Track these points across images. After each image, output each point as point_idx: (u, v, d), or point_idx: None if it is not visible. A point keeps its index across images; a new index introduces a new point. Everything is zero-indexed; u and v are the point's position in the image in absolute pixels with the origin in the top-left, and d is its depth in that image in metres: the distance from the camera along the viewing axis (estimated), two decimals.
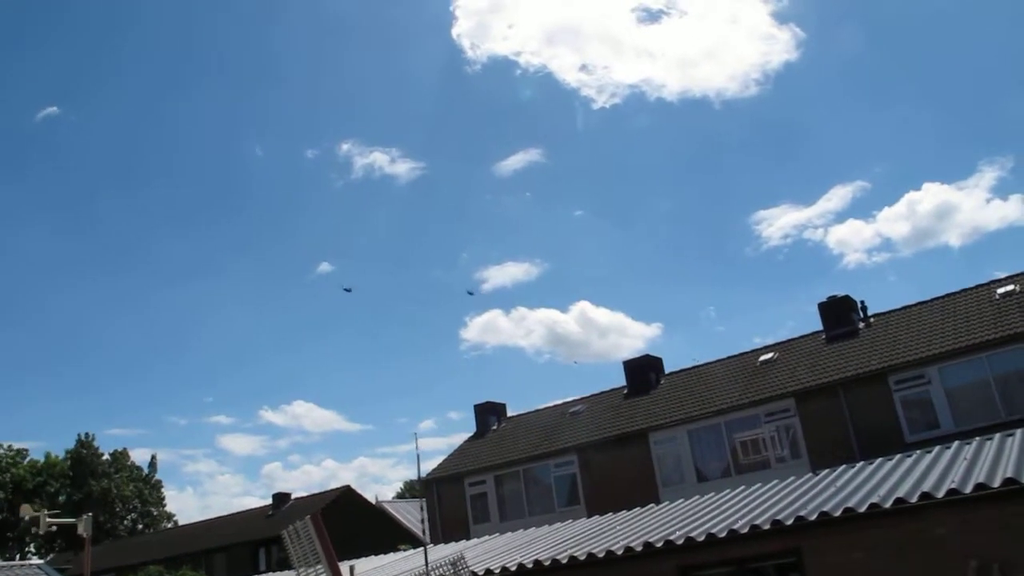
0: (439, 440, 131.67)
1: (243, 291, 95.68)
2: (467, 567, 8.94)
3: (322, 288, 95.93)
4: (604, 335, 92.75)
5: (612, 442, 30.13)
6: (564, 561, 12.78)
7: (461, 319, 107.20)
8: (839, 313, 29.26)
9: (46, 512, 14.38)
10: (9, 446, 70.23)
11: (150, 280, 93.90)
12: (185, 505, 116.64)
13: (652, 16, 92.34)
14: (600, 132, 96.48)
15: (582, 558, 12.59)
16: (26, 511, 15.86)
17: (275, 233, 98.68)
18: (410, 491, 73.89)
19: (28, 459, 70.43)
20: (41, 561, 37.05)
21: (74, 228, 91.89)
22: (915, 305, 28.28)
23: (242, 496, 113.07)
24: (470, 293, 64.48)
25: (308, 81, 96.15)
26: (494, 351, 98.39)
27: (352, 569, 9.52)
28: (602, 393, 34.50)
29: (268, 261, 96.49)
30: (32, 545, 67.27)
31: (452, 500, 34.12)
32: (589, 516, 18.41)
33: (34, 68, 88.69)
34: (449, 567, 9.46)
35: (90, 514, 14.12)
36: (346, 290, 63.74)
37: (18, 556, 63.16)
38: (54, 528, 14.49)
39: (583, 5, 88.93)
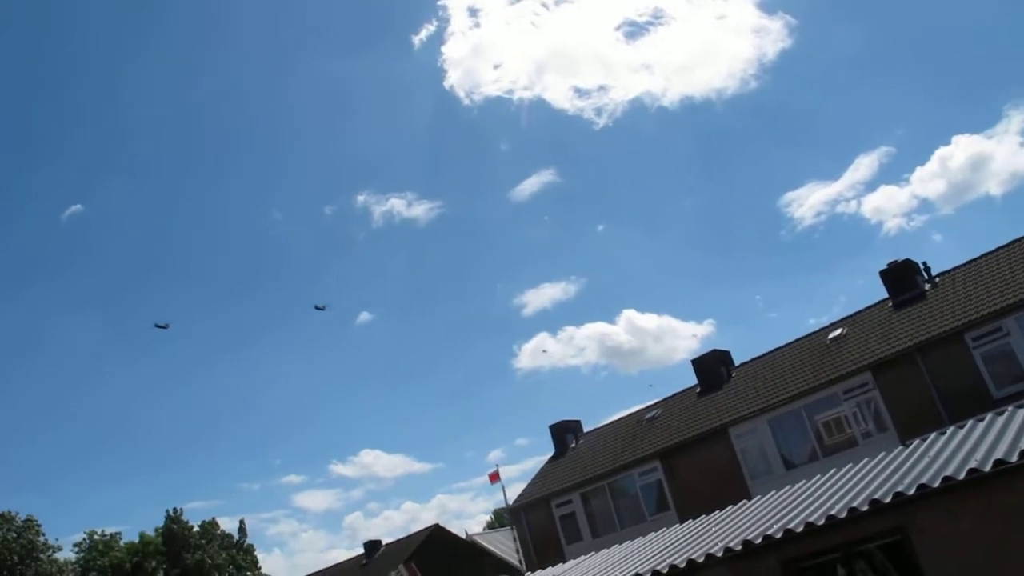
0: (512, 468, 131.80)
1: (291, 353, 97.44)
2: None
3: (366, 338, 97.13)
4: (658, 340, 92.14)
5: (693, 442, 29.74)
6: (664, 571, 12.57)
7: (510, 348, 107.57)
8: (902, 278, 28.62)
9: None
10: (103, 532, 71.63)
11: (197, 359, 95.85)
12: (276, 567, 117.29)
13: (639, 29, 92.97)
14: (607, 148, 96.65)
15: (682, 565, 12.38)
16: None
17: (310, 291, 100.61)
18: (499, 520, 73.75)
19: (123, 541, 71.74)
20: None
21: (112, 318, 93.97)
22: (979, 258, 27.56)
23: (329, 550, 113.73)
24: (318, 308, 63.46)
25: (317, 142, 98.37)
26: (550, 374, 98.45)
27: None
28: (675, 395, 34.13)
29: (309, 320, 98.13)
30: None
31: (542, 524, 33.92)
32: (681, 521, 18.15)
33: (54, 170, 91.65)
34: None
35: None
36: (318, 308, 63.18)
37: None
38: None
39: (566, 31, 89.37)
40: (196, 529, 73.52)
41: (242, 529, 78.21)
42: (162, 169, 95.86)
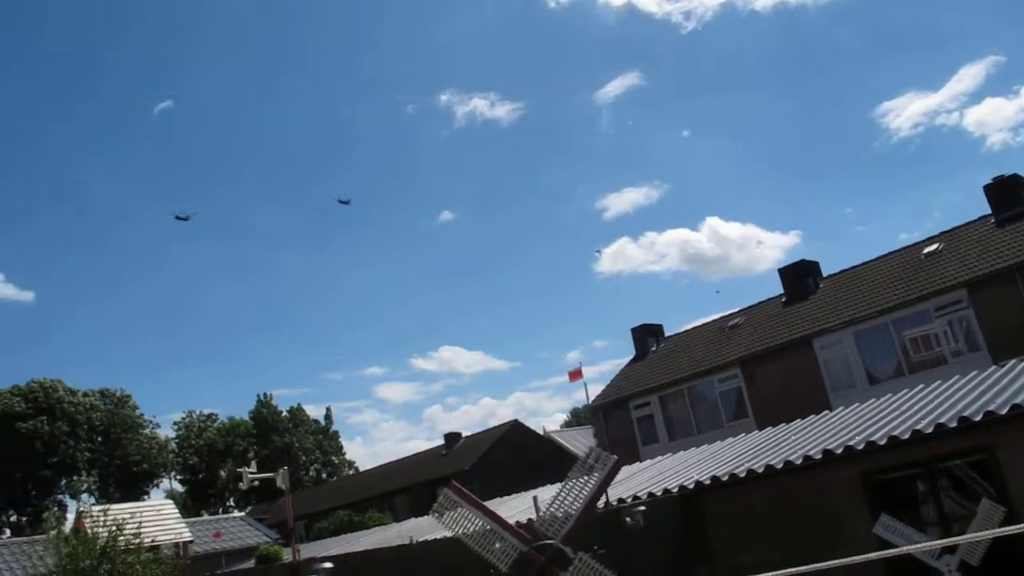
0: (590, 369, 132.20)
1: (374, 249, 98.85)
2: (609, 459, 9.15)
3: (447, 236, 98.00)
4: (741, 248, 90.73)
5: (776, 351, 29.51)
6: (742, 475, 12.70)
7: (591, 251, 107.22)
8: (1007, 194, 27.38)
9: (247, 469, 15.42)
10: (199, 412, 75.33)
11: (283, 255, 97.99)
12: (357, 454, 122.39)
13: None
14: (695, 52, 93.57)
15: (760, 470, 12.48)
16: (232, 470, 17.38)
17: (392, 189, 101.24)
18: (576, 419, 74.98)
19: (217, 423, 75.34)
20: (242, 513, 39.84)
21: (194, 205, 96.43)
22: None
23: (408, 440, 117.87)
24: (342, 202, 62.90)
25: (399, 41, 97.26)
26: (630, 279, 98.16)
27: (536, 499, 9.75)
28: (760, 304, 33.77)
29: (390, 216, 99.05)
30: (231, 499, 72.27)
31: (619, 424, 34.38)
32: (759, 428, 18.22)
33: (147, 66, 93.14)
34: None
35: (286, 468, 15.06)
36: (343, 202, 63.38)
37: (220, 510, 68.00)
38: (256, 483, 15.52)
39: None
40: (284, 414, 76.72)
41: (328, 416, 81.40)
42: (244, 66, 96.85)
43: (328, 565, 10.38)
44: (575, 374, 15.14)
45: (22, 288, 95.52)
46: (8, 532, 56.52)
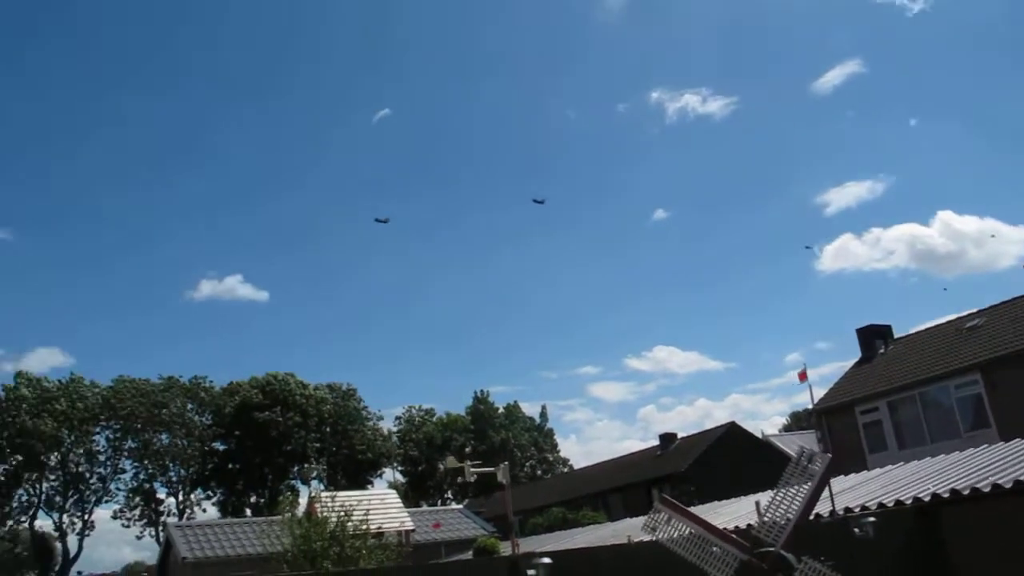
0: (810, 372, 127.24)
1: (586, 247, 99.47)
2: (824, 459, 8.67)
3: (661, 235, 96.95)
4: (979, 244, 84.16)
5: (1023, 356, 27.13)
6: (986, 490, 11.73)
7: (810, 249, 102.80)
8: None
9: (469, 463, 15.87)
10: (418, 407, 78.61)
11: (494, 250, 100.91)
12: (571, 451, 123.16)
13: None
14: (922, 36, 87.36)
15: (1008, 486, 11.47)
16: (452, 462, 17.99)
17: (605, 188, 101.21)
18: (796, 423, 72.30)
19: (435, 418, 78.31)
20: (460, 506, 41.14)
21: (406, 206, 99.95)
22: None
23: (622, 440, 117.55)
24: (537, 202, 61.01)
25: (609, 39, 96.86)
26: (854, 278, 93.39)
27: (758, 504, 9.41)
28: (1003, 303, 31.08)
29: (603, 216, 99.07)
30: (449, 491, 74.86)
31: (843, 430, 32.71)
32: (1004, 440, 16.77)
33: (370, 81, 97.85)
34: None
35: (507, 463, 15.39)
36: (537, 201, 62.33)
37: (439, 502, 70.63)
38: (475, 477, 15.95)
39: None
40: (501, 411, 78.59)
41: (543, 414, 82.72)
42: (452, 70, 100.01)
43: (547, 560, 10.44)
44: (802, 375, 14.51)
45: (258, 288, 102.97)
46: (249, 512, 61.19)
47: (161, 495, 65.12)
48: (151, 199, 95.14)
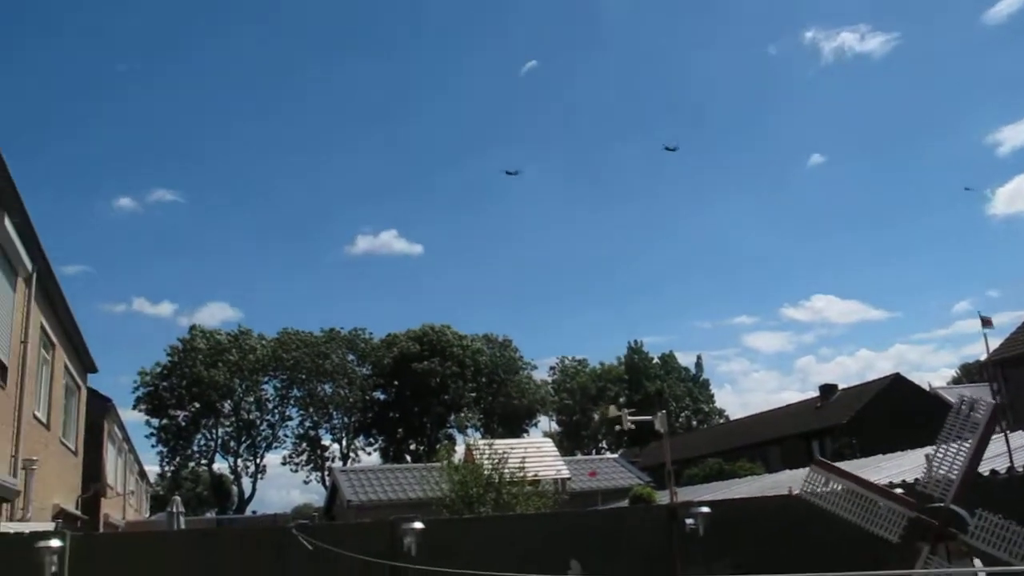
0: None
1: (741, 196, 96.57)
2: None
3: (817, 180, 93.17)
4: None
5: None
6: None
7: (981, 192, 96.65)
8: None
9: (627, 411, 16.02)
10: (572, 357, 79.22)
11: (651, 196, 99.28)
12: (726, 402, 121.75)
13: None
14: None
15: None
16: (611, 411, 18.29)
17: (756, 133, 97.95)
18: (967, 376, 68.86)
19: (588, 368, 78.77)
20: (615, 455, 41.43)
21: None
22: None
23: (779, 391, 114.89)
24: (669, 149, 58.81)
25: None
26: None
27: (928, 457, 9.15)
28: None
29: (756, 161, 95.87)
30: (603, 441, 75.45)
31: (1022, 383, 30.96)
32: None
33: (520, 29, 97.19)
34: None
35: (664, 411, 15.43)
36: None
37: (593, 451, 71.29)
38: (632, 426, 16.07)
39: None
40: (656, 361, 78.24)
41: (699, 364, 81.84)
42: (595, 17, 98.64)
43: (706, 510, 10.51)
44: (988, 320, 13.82)
45: (411, 242, 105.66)
46: (408, 459, 63.66)
47: (326, 442, 68.72)
48: (316, 169, 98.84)
